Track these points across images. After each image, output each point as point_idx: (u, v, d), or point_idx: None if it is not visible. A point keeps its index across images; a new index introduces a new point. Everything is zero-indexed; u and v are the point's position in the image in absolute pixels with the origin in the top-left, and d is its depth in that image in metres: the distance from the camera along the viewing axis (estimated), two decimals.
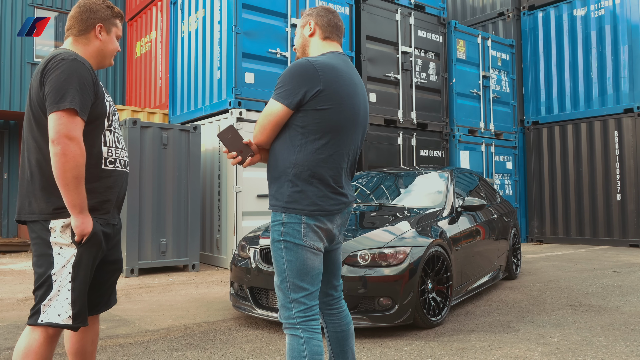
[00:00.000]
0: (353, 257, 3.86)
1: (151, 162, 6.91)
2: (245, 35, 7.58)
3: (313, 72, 2.01)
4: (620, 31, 10.68)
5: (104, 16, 2.18)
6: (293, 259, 2.04)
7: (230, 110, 7.42)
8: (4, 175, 10.82)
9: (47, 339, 1.99)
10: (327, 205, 2.07)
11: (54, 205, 2.00)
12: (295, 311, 2.04)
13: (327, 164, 2.06)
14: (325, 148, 2.05)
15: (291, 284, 2.05)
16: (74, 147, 1.92)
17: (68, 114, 1.93)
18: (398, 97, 9.45)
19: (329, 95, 2.02)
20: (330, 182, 2.08)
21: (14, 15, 10.61)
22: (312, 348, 2.01)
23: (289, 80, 2.03)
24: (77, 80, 1.96)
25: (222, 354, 3.49)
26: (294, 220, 2.04)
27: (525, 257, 8.62)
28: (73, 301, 1.99)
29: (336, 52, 2.22)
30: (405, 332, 3.96)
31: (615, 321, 4.25)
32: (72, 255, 2.00)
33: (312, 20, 2.27)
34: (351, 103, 2.11)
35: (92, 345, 2.31)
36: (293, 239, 2.04)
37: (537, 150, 11.78)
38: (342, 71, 2.11)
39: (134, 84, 11.46)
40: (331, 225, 2.13)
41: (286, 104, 2.02)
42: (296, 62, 2.06)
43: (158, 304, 5.09)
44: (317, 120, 2.03)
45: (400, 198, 5.42)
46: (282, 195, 2.06)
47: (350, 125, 2.12)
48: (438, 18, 10.39)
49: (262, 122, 2.09)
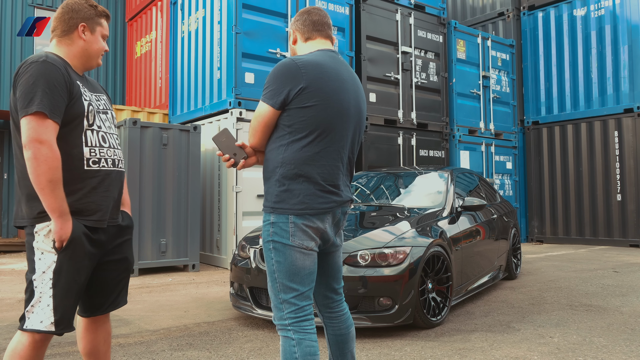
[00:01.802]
0: (353, 257, 3.86)
1: (151, 162, 6.91)
2: (245, 35, 7.58)
3: (295, 70, 2.01)
4: (620, 31, 10.68)
5: (87, 15, 2.14)
6: (281, 260, 2.04)
7: (230, 110, 7.42)
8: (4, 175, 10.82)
9: (34, 343, 1.97)
10: (316, 204, 2.04)
11: (37, 209, 1.97)
12: (287, 312, 2.04)
13: (315, 162, 2.04)
14: (312, 146, 2.04)
15: (281, 284, 2.04)
16: (45, 150, 1.89)
17: (37, 118, 1.90)
18: (398, 97, 9.45)
19: (313, 92, 2.01)
20: (318, 180, 2.05)
21: (14, 15, 10.61)
22: (304, 349, 2.00)
23: (273, 80, 2.04)
24: (46, 83, 1.93)
25: (222, 354, 3.49)
26: (282, 220, 2.03)
27: (525, 257, 8.62)
28: (55, 308, 1.96)
29: (324, 49, 2.20)
30: (405, 332, 3.96)
31: (615, 321, 4.25)
32: (53, 262, 1.97)
33: (292, 29, 2.29)
34: (338, 99, 2.08)
35: (105, 344, 2.30)
36: (281, 239, 2.03)
37: (537, 150, 11.78)
38: (328, 67, 2.08)
39: (134, 84, 11.45)
40: (322, 225, 2.09)
41: (271, 104, 2.03)
42: (280, 62, 2.08)
43: (158, 304, 5.09)
44: (302, 118, 2.02)
45: (400, 198, 5.42)
46: (271, 195, 2.07)
47: (340, 121, 2.09)
48: (438, 18, 10.39)
49: (252, 124, 2.11)
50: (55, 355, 3.43)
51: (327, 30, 2.26)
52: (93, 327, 2.27)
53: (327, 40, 2.26)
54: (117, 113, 9.08)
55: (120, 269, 2.25)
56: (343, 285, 2.33)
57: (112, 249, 2.19)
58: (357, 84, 2.23)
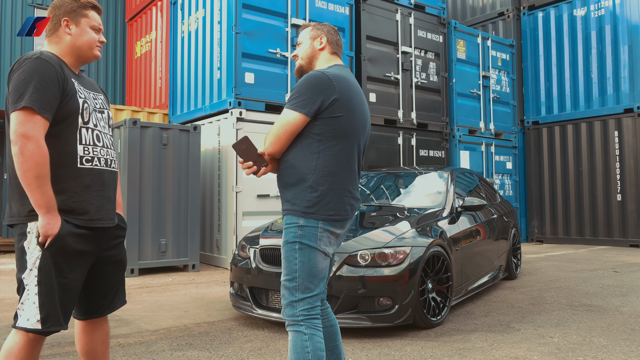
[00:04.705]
0: (353, 257, 3.86)
1: (151, 162, 6.90)
2: (245, 35, 7.58)
3: (328, 83, 2.15)
4: (620, 31, 10.67)
5: (69, 9, 2.12)
6: (305, 260, 2.14)
7: (230, 110, 7.42)
8: (4, 175, 10.82)
9: (28, 342, 1.96)
10: (344, 211, 2.20)
11: (29, 207, 1.96)
12: (300, 309, 2.13)
13: (345, 169, 2.19)
14: (342, 154, 2.18)
15: (300, 284, 2.14)
16: (32, 146, 1.87)
17: (25, 113, 1.89)
18: (398, 97, 9.45)
19: (342, 104, 2.16)
20: (347, 187, 2.21)
21: (14, 15, 10.60)
22: (315, 344, 2.09)
23: (305, 90, 2.14)
24: (37, 79, 1.92)
25: (222, 354, 3.49)
26: (312, 224, 2.14)
27: (525, 257, 8.62)
28: (40, 305, 1.94)
29: (342, 65, 2.38)
30: (405, 332, 3.96)
31: (615, 321, 4.25)
32: (37, 258, 1.95)
33: (324, 36, 2.42)
34: (361, 111, 2.28)
35: (102, 345, 2.29)
36: (309, 241, 2.14)
37: (537, 150, 11.78)
38: (352, 82, 2.27)
39: (134, 84, 11.45)
40: (341, 231, 2.25)
41: (304, 112, 2.13)
42: (311, 74, 2.19)
43: (158, 304, 5.09)
44: (333, 127, 2.15)
45: (400, 198, 5.42)
46: (302, 201, 2.15)
47: (360, 131, 2.27)
48: (438, 18, 10.39)
49: (277, 132, 2.17)
50: (55, 355, 3.44)
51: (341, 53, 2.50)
52: (90, 329, 2.25)
53: (342, 61, 2.48)
54: (117, 113, 9.08)
55: (115, 270, 2.24)
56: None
57: (107, 249, 2.18)
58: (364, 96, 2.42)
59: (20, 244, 1.99)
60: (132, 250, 6.64)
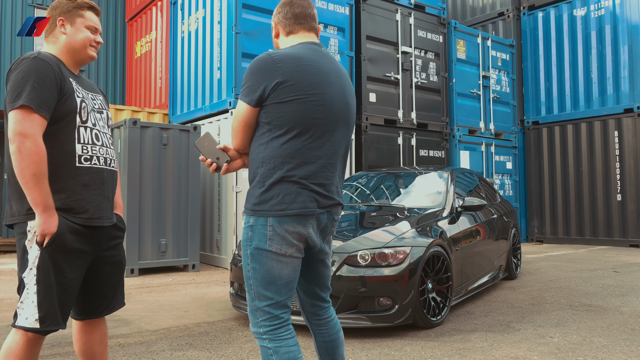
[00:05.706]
0: (353, 257, 3.86)
1: (151, 162, 6.91)
2: (245, 35, 7.58)
3: (271, 65, 1.90)
4: (620, 31, 10.67)
5: (65, 9, 2.15)
6: (257, 267, 1.93)
7: (230, 110, 7.42)
8: (4, 175, 10.82)
9: (27, 342, 1.97)
10: (295, 204, 1.91)
11: (28, 205, 1.96)
12: (261, 320, 1.95)
13: (296, 159, 1.92)
14: (292, 142, 1.91)
15: (255, 291, 1.95)
16: (29, 144, 1.88)
17: (23, 112, 1.90)
18: (398, 97, 9.45)
19: (290, 87, 1.90)
20: (298, 179, 1.92)
21: (14, 15, 10.61)
22: (282, 356, 1.92)
23: (249, 77, 1.94)
24: (35, 78, 1.93)
25: (222, 354, 3.49)
26: (260, 223, 1.92)
27: (525, 257, 8.62)
28: (39, 304, 1.94)
29: (306, 42, 2.07)
30: (405, 332, 3.96)
31: (615, 321, 4.25)
32: (36, 257, 1.95)
33: (273, 22, 2.17)
34: (320, 92, 1.95)
35: (100, 345, 2.29)
36: (259, 243, 1.92)
37: (537, 150, 11.78)
38: (307, 60, 1.96)
39: (134, 84, 11.45)
40: (304, 230, 1.95)
41: (247, 101, 1.93)
42: (256, 57, 1.97)
43: (158, 304, 5.09)
44: (280, 114, 1.90)
45: (400, 198, 5.42)
46: (252, 197, 1.96)
47: (323, 116, 1.96)
48: (438, 18, 10.39)
49: (233, 125, 2.02)
50: (55, 355, 3.44)
51: (310, 22, 2.12)
52: (87, 329, 2.25)
53: (311, 32, 2.12)
54: (117, 113, 9.08)
55: (114, 271, 2.24)
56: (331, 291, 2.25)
57: (106, 249, 2.18)
58: (343, 78, 2.10)
59: (22, 243, 1.99)
60: (132, 250, 6.64)
